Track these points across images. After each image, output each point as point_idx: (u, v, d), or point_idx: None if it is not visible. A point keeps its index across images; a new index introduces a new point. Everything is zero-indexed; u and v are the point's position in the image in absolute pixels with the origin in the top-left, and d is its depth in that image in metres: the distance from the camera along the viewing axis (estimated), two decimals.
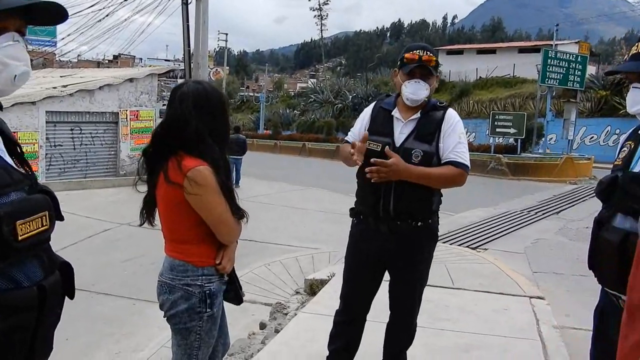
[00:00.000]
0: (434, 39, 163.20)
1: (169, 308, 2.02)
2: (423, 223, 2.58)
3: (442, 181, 2.52)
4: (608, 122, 26.68)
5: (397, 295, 2.75)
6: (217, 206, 1.94)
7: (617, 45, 70.60)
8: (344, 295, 2.83)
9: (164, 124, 2.01)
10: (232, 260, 2.10)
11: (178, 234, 2.01)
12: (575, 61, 19.42)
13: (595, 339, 1.90)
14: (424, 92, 2.53)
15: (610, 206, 1.74)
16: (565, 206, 11.49)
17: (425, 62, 2.52)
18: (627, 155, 1.77)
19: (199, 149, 1.93)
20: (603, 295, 1.85)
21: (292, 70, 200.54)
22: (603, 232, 1.75)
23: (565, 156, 17.95)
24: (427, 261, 2.71)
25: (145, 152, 2.06)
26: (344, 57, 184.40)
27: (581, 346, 3.81)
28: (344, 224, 9.78)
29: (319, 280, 5.05)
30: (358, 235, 2.72)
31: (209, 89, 2.04)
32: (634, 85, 1.73)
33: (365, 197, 2.63)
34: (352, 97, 41.33)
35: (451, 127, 2.56)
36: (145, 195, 2.11)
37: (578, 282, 5.72)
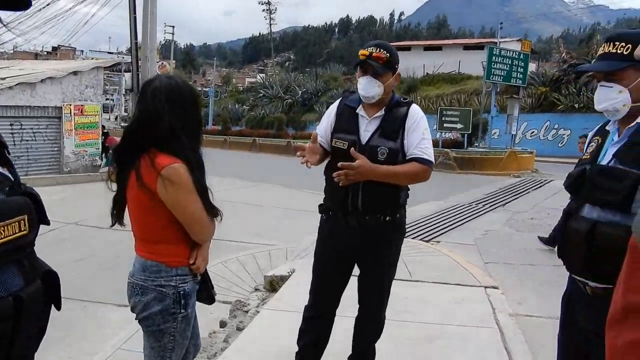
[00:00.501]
0: (382, 35, 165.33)
1: (141, 310, 1.96)
2: (391, 217, 2.61)
3: (408, 178, 2.55)
4: (547, 117, 27.86)
5: (366, 289, 2.77)
6: (191, 204, 1.89)
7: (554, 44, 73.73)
8: (313, 290, 2.83)
9: (136, 120, 1.93)
10: (206, 259, 2.06)
11: (151, 234, 1.95)
12: (518, 58, 20.10)
13: (562, 325, 1.98)
14: (375, 89, 2.53)
15: (579, 197, 1.82)
16: (510, 198, 11.91)
17: (373, 59, 2.52)
18: (594, 149, 1.85)
19: (172, 146, 1.88)
20: (570, 282, 1.92)
21: (240, 64, 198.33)
22: (572, 222, 1.82)
23: (509, 150, 18.61)
24: (395, 255, 2.74)
25: (115, 150, 1.98)
26: (293, 52, 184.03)
27: (535, 332, 3.98)
28: (299, 220, 9.79)
29: (279, 276, 5.03)
30: (327, 231, 2.73)
31: (181, 83, 1.98)
32: (601, 84, 1.81)
33: (334, 193, 2.63)
34: (302, 92, 41.32)
35: (415, 123, 2.58)
36: (115, 194, 2.02)
37: (527, 272, 5.96)
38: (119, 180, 1.99)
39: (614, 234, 1.65)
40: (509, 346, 3.52)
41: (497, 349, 3.49)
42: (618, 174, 1.67)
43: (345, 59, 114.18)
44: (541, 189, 13.83)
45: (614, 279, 1.65)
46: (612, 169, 1.71)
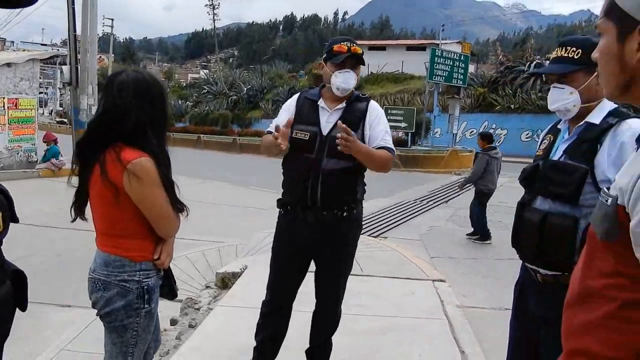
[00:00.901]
0: (326, 34, 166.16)
1: (103, 306, 1.92)
2: (348, 213, 2.67)
3: (380, 162, 2.61)
4: (486, 117, 28.96)
5: (323, 284, 2.82)
6: (157, 199, 1.88)
7: (490, 46, 76.54)
8: (271, 285, 2.85)
9: (101, 114, 1.89)
10: (171, 255, 2.05)
11: (115, 228, 1.91)
12: (459, 60, 20.81)
13: (515, 311, 2.09)
14: (352, 81, 2.63)
15: (532, 190, 1.93)
16: (452, 195, 12.31)
17: (354, 53, 2.60)
18: (547, 146, 1.98)
19: (139, 140, 1.85)
20: (523, 270, 2.04)
21: (182, 60, 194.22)
22: (525, 212, 1.94)
23: (450, 149, 19.22)
24: (352, 250, 2.81)
25: (79, 143, 1.93)
26: (237, 49, 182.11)
27: (480, 323, 4.16)
28: (248, 217, 9.71)
29: (231, 273, 5.00)
30: (285, 226, 2.76)
31: (149, 77, 1.96)
32: (554, 86, 1.94)
33: (293, 187, 2.67)
34: (247, 89, 40.96)
35: (377, 117, 2.68)
36: (77, 188, 1.97)
37: (470, 266, 6.21)
38: (82, 174, 1.94)
39: (563, 224, 1.78)
40: (457, 336, 3.67)
41: (447, 339, 3.63)
42: (568, 169, 1.79)
43: (290, 56, 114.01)
44: None
45: (563, 266, 1.79)
46: (562, 164, 1.83)
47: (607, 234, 0.93)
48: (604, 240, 0.94)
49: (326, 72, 2.67)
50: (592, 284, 0.99)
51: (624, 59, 0.96)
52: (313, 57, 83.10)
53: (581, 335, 1.00)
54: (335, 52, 2.61)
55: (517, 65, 29.97)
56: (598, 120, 1.82)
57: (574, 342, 1.02)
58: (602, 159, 1.74)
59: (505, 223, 8.97)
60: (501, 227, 8.71)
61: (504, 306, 4.73)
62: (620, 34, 0.96)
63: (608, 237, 0.93)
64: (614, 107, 1.83)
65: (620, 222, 0.90)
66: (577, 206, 1.76)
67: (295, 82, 41.91)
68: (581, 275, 1.02)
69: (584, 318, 1.00)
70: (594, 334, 0.97)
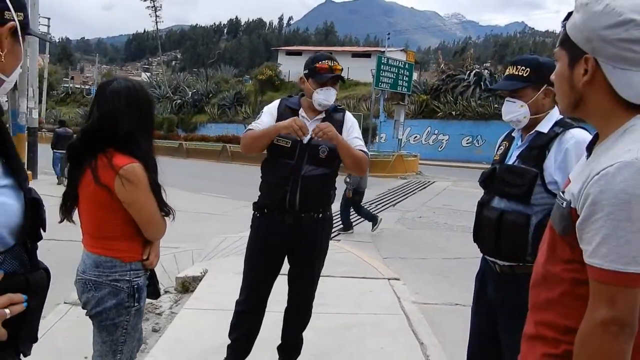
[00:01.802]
0: (271, 38, 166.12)
1: (94, 305, 2.00)
2: (323, 214, 2.86)
3: (357, 160, 2.77)
4: (428, 124, 29.98)
5: (298, 283, 2.99)
6: (147, 203, 1.98)
7: (432, 54, 79.03)
8: (246, 285, 2.97)
9: (96, 121, 1.97)
10: (158, 255, 2.15)
11: (106, 231, 2.00)
12: (403, 68, 21.47)
13: (476, 298, 2.34)
14: (333, 97, 2.82)
15: (490, 191, 2.18)
16: (399, 199, 12.75)
17: (336, 71, 2.80)
18: (503, 152, 2.25)
19: (130, 147, 1.95)
20: (483, 262, 2.28)
21: (122, 62, 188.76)
22: (484, 211, 2.19)
23: (396, 154, 19.79)
24: (326, 250, 3.00)
25: (71, 148, 2.01)
26: (180, 52, 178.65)
27: (433, 317, 4.43)
28: (200, 222, 9.65)
29: (192, 277, 5.06)
30: (262, 227, 2.89)
31: (138, 86, 2.06)
32: (507, 99, 2.20)
33: (272, 191, 2.81)
34: (192, 93, 40.43)
35: (352, 127, 2.91)
36: (65, 190, 2.05)
37: (420, 265, 6.52)
38: (72, 177, 2.01)
39: (517, 221, 2.03)
40: (415, 329, 3.92)
41: (406, 332, 3.87)
42: (521, 172, 2.05)
43: (235, 60, 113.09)
44: (426, 189, 14.92)
45: (517, 258, 2.04)
46: (516, 168, 2.10)
47: (564, 230, 1.17)
48: (562, 234, 1.18)
49: (308, 88, 2.82)
50: (552, 269, 1.22)
51: (573, 82, 1.20)
52: (258, 61, 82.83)
53: (545, 309, 1.24)
54: (318, 70, 2.77)
55: (458, 74, 31.22)
56: (546, 129, 2.09)
57: (540, 316, 1.25)
58: (550, 164, 2.01)
59: (450, 224, 9.42)
60: (447, 228, 9.15)
61: (453, 302, 5.05)
62: (570, 61, 1.21)
63: (565, 232, 1.17)
64: (560, 117, 2.11)
65: (574, 221, 1.14)
66: (529, 205, 2.02)
67: (242, 87, 41.76)
68: (544, 261, 1.26)
69: (546, 296, 1.23)
70: (555, 308, 1.21)
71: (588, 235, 1.08)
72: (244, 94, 39.81)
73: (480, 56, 73.03)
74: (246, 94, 39.84)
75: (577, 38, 1.17)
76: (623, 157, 1.06)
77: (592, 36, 1.13)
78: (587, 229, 1.09)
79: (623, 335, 1.06)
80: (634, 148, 1.07)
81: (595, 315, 1.08)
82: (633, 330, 1.06)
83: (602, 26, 1.12)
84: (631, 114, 1.15)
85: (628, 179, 1.03)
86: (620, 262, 1.03)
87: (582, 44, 1.16)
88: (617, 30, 1.10)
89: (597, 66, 1.15)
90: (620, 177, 1.04)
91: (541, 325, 1.25)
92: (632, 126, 1.13)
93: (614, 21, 1.10)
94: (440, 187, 15.54)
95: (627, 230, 1.03)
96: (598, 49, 1.13)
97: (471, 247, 2.45)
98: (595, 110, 1.20)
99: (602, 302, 1.07)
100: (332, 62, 2.81)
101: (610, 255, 1.04)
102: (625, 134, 1.13)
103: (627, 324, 1.06)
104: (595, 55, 1.14)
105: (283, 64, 43.60)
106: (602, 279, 1.06)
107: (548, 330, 1.22)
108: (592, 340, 1.08)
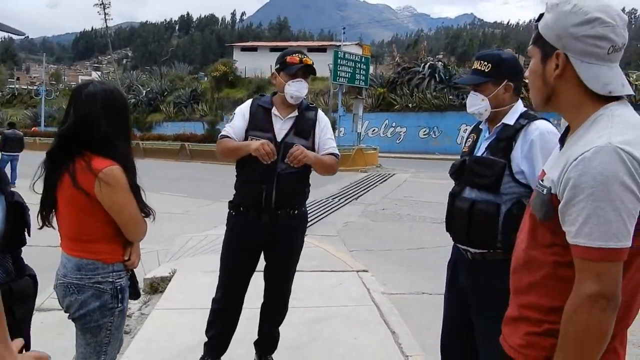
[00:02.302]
0: (224, 34, 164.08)
1: (78, 308, 1.99)
2: (298, 211, 2.91)
3: (328, 167, 2.91)
4: (386, 117, 30.33)
5: (274, 279, 3.03)
6: (127, 205, 1.98)
7: (386, 47, 79.85)
8: (222, 284, 2.99)
9: (72, 124, 1.95)
10: (139, 255, 2.15)
11: (86, 234, 1.99)
12: (360, 61, 21.63)
13: (448, 285, 2.43)
14: (305, 90, 2.86)
15: (461, 182, 2.27)
16: (362, 192, 12.89)
17: (306, 64, 2.84)
18: (471, 144, 2.34)
19: (108, 149, 1.95)
20: (455, 250, 2.37)
21: (70, 61, 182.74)
22: (456, 201, 2.27)
23: (356, 147, 19.95)
24: (301, 246, 3.05)
25: (49, 153, 1.98)
26: (131, 49, 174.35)
27: (402, 306, 4.54)
28: (162, 222, 9.55)
29: (160, 277, 5.01)
30: (237, 225, 2.91)
31: (113, 89, 2.07)
32: (471, 93, 2.30)
33: (248, 190, 2.84)
34: (147, 92, 39.59)
35: (325, 126, 2.96)
36: (42, 195, 2.02)
37: (385, 256, 6.65)
38: (49, 182, 1.99)
39: (487, 210, 2.12)
40: (386, 319, 4.01)
41: (377, 322, 3.96)
42: (490, 163, 2.15)
43: (188, 57, 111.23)
44: (387, 182, 15.13)
45: (488, 245, 2.14)
46: (485, 159, 2.19)
47: (545, 215, 1.25)
48: (543, 220, 1.26)
49: (279, 82, 2.86)
50: (534, 254, 1.31)
51: (545, 77, 1.30)
52: (212, 58, 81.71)
53: (527, 292, 1.32)
54: (288, 63, 2.82)
55: (413, 66, 31.68)
56: (512, 121, 2.19)
57: (523, 299, 1.34)
58: (517, 154, 2.11)
59: (413, 215, 9.61)
60: (409, 219, 9.33)
61: (420, 290, 5.18)
62: (543, 57, 1.31)
63: (546, 218, 1.25)
64: (524, 110, 2.22)
65: (554, 206, 1.23)
66: (498, 194, 2.11)
67: (197, 84, 41.16)
68: (525, 247, 1.34)
69: (529, 279, 1.32)
70: (537, 290, 1.30)
71: (571, 217, 1.17)
72: (200, 92, 39.25)
73: (433, 48, 74.39)
74: (202, 91, 39.29)
75: (548, 35, 1.28)
76: (597, 142, 1.16)
77: (562, 33, 1.24)
78: (569, 211, 1.18)
79: (609, 308, 1.15)
80: (606, 134, 1.17)
81: (583, 290, 1.17)
82: (617, 303, 1.16)
83: (571, 24, 1.23)
84: (599, 104, 1.26)
85: (604, 161, 1.13)
86: (602, 239, 1.13)
87: (554, 41, 1.27)
88: (585, 27, 1.22)
89: (567, 61, 1.26)
90: (596, 160, 1.14)
91: (524, 307, 1.33)
92: (601, 115, 1.24)
93: (582, 19, 1.22)
94: (400, 179, 15.79)
95: (606, 210, 1.12)
96: (568, 45, 1.24)
97: (434, 237, 2.54)
98: (567, 103, 1.30)
99: (589, 278, 1.16)
100: (302, 55, 2.87)
101: (593, 234, 1.14)
102: (594, 123, 1.23)
103: (612, 296, 1.15)
104: (566, 50, 1.25)
105: (238, 60, 43.22)
106: (588, 256, 1.15)
107: (531, 312, 1.31)
108: (580, 314, 1.16)
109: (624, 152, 1.13)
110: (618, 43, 1.23)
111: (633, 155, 1.13)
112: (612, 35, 1.22)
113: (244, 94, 33.84)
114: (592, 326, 1.15)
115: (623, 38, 1.24)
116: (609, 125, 1.19)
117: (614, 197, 1.12)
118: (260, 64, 38.03)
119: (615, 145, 1.13)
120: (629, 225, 1.14)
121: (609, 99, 1.25)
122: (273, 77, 2.95)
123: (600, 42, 1.22)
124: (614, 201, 1.12)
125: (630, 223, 1.14)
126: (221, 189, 5.97)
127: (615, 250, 1.13)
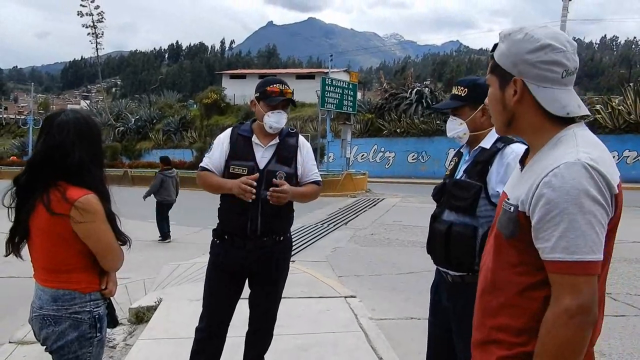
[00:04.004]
0: (214, 62, 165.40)
1: (55, 340, 1.96)
2: (284, 237, 2.90)
3: (310, 197, 2.94)
4: (375, 142, 30.58)
5: (259, 305, 2.99)
6: (104, 234, 1.97)
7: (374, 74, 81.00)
8: (207, 312, 2.94)
9: (41, 153, 1.95)
10: (116, 283, 2.12)
11: (62, 264, 1.97)
12: (347, 88, 21.90)
13: (433, 308, 2.43)
14: (284, 120, 2.86)
15: (441, 205, 2.30)
16: (351, 217, 12.89)
17: (287, 95, 2.86)
18: (453, 167, 2.38)
19: (83, 178, 1.94)
20: (437, 273, 2.38)
21: (59, 90, 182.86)
22: (435, 224, 2.30)
23: (345, 173, 20.02)
24: (286, 270, 3.03)
25: (17, 181, 1.97)
26: (120, 78, 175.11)
27: (391, 331, 4.51)
28: (149, 251, 9.44)
29: (146, 307, 4.94)
30: (222, 253, 2.88)
31: (87, 117, 2.07)
32: (450, 118, 2.34)
33: (233, 218, 2.82)
34: (136, 119, 39.64)
35: (307, 152, 2.97)
36: (12, 225, 2.00)
37: (375, 282, 6.61)
38: (20, 211, 1.97)
39: (464, 233, 2.14)
40: (374, 345, 3.97)
41: (365, 349, 3.92)
42: (466, 186, 2.18)
43: (177, 85, 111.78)
44: (376, 206, 15.15)
45: (466, 268, 2.15)
46: (462, 182, 2.22)
47: (512, 233, 1.27)
48: (509, 238, 1.28)
49: (259, 111, 2.86)
50: (501, 274, 1.32)
51: (505, 102, 1.35)
52: (202, 85, 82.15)
53: (496, 314, 1.33)
54: (269, 92, 2.83)
55: (400, 92, 32.12)
56: (489, 145, 2.23)
57: (492, 321, 1.34)
58: (492, 177, 2.14)
59: (402, 240, 9.61)
60: (398, 244, 9.32)
61: (409, 315, 5.15)
62: (501, 84, 1.37)
63: (512, 235, 1.27)
64: None
65: (521, 224, 1.25)
66: (475, 217, 2.13)
67: (187, 112, 41.29)
68: (492, 267, 1.35)
69: (497, 301, 1.33)
70: (506, 311, 1.30)
71: (546, 233, 1.19)
72: (189, 119, 39.37)
73: (420, 74, 75.37)
74: (191, 119, 39.42)
75: (504, 63, 1.33)
76: (566, 159, 1.20)
77: (517, 60, 1.30)
78: (544, 227, 1.20)
79: (587, 322, 1.16)
80: (573, 151, 1.21)
81: (561, 304, 1.18)
82: (595, 317, 1.18)
83: (525, 51, 1.28)
84: (558, 126, 1.30)
85: (575, 176, 1.17)
86: (579, 253, 1.15)
87: (510, 68, 1.32)
88: (538, 53, 1.27)
89: (524, 86, 1.31)
90: (568, 175, 1.17)
91: (494, 329, 1.33)
92: (565, 135, 1.28)
93: (534, 46, 1.27)
94: (389, 203, 15.83)
95: (581, 223, 1.15)
96: (523, 71, 1.30)
97: (423, 261, 2.55)
98: (527, 126, 1.35)
99: (567, 292, 1.17)
100: (283, 85, 2.87)
101: (570, 248, 1.16)
102: (559, 142, 1.28)
103: (590, 310, 1.16)
104: (522, 76, 1.30)
105: (227, 87, 43.48)
106: (565, 270, 1.17)
107: (501, 334, 1.31)
108: (559, 328, 1.17)
109: (591, 168, 1.17)
110: (570, 67, 1.29)
111: (599, 170, 1.18)
112: (564, 60, 1.28)
113: (233, 121, 33.99)
114: (569, 340, 1.16)
115: (574, 62, 1.30)
116: (575, 144, 1.23)
117: (586, 211, 1.15)
118: (249, 91, 37.60)
119: (584, 161, 1.18)
120: (602, 237, 1.17)
121: (568, 121, 1.30)
122: (252, 105, 2.93)
123: (554, 67, 1.27)
124: (587, 214, 1.15)
125: (603, 235, 1.17)
126: (209, 216, 5.97)
127: (591, 263, 1.16)
